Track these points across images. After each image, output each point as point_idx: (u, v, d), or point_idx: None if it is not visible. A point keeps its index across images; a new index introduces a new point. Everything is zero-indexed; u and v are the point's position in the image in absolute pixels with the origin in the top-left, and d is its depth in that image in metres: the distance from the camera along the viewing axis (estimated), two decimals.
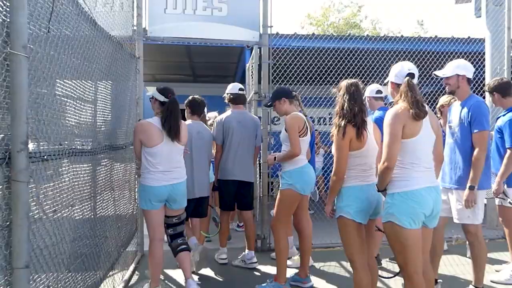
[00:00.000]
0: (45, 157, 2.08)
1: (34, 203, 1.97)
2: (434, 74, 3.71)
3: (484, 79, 6.53)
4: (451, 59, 7.10)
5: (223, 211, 4.91)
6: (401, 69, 2.92)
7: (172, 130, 3.61)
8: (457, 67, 3.66)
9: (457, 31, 46.17)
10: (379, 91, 4.76)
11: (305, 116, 4.05)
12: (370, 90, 4.84)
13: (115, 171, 3.86)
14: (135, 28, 4.99)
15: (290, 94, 4.06)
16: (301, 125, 3.88)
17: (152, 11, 5.16)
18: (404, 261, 2.75)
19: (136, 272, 4.57)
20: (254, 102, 5.55)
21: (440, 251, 3.83)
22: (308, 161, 4.11)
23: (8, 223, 1.80)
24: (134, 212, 4.83)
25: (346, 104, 2.96)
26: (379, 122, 4.21)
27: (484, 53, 6.60)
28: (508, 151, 3.96)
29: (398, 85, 2.88)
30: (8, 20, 1.79)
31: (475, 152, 3.49)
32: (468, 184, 3.51)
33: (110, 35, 3.52)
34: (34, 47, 1.97)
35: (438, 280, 3.88)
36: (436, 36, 7.62)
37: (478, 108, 3.56)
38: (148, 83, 10.46)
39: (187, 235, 4.60)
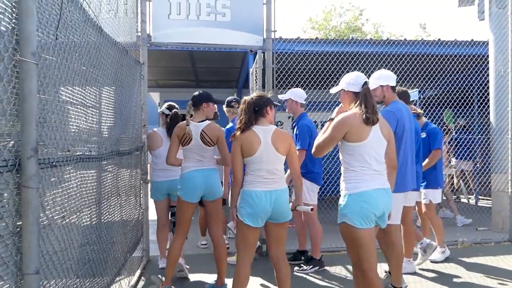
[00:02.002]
0: (54, 163, 2.09)
1: (43, 209, 1.98)
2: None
3: (488, 82, 6.53)
4: (455, 62, 7.16)
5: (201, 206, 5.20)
6: (356, 78, 3.05)
7: None
8: (379, 79, 3.85)
9: (460, 34, 46.21)
10: (306, 99, 4.92)
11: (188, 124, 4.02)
12: (299, 96, 4.86)
13: (121, 177, 3.87)
14: (139, 34, 5.02)
15: (193, 102, 4.02)
16: (181, 134, 3.91)
17: (156, 17, 5.17)
18: (358, 259, 2.92)
19: (142, 278, 4.56)
20: None
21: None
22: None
23: (18, 229, 1.81)
24: (140, 218, 4.84)
25: (244, 117, 3.25)
26: (305, 129, 4.67)
27: (488, 56, 6.60)
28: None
29: (354, 93, 3.02)
30: (18, 27, 1.81)
31: None
32: None
33: (115, 41, 3.54)
34: (43, 54, 1.98)
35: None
36: (439, 39, 7.63)
37: (384, 114, 3.68)
38: (151, 88, 10.49)
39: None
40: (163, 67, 9.59)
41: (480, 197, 9.14)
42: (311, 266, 4.76)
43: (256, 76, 5.74)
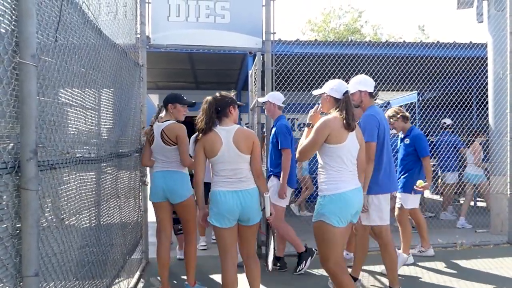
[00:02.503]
0: (54, 165, 2.09)
1: (43, 211, 1.98)
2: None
3: (487, 84, 6.54)
4: (453, 64, 7.17)
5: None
6: (339, 85, 3.23)
7: None
8: (359, 84, 3.88)
9: (459, 36, 46.33)
10: (283, 102, 4.95)
11: (153, 124, 4.11)
12: (277, 99, 4.87)
13: (120, 179, 3.86)
14: (138, 36, 5.02)
15: (163, 103, 4.13)
16: (149, 135, 4.08)
17: (155, 19, 5.18)
18: (327, 256, 3.10)
19: (141, 280, 4.56)
20: (258, 108, 5.55)
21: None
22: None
23: (17, 231, 1.80)
24: (139, 220, 4.83)
25: (205, 118, 3.26)
26: (284, 129, 4.65)
27: (486, 58, 6.61)
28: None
29: (335, 99, 3.21)
30: (17, 29, 1.81)
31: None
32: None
33: (115, 43, 3.54)
34: (42, 56, 1.98)
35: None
36: (438, 41, 7.64)
37: (366, 118, 3.76)
38: (150, 90, 10.50)
39: None
40: (162, 69, 9.59)
41: (478, 199, 9.14)
42: (304, 262, 4.73)
43: (255, 78, 5.74)
